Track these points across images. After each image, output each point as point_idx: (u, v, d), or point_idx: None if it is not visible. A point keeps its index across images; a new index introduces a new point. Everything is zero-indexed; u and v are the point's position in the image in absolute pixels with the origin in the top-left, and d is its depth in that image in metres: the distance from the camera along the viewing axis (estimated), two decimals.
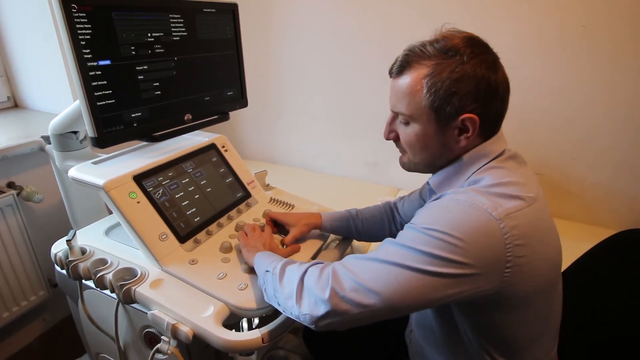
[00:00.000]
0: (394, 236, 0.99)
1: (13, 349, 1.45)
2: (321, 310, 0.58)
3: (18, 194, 1.28)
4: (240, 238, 0.85)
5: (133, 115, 0.85)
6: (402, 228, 0.97)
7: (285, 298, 0.64)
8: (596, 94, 1.35)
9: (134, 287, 0.74)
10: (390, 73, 0.68)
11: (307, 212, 0.99)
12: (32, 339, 1.51)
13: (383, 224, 0.99)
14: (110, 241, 0.89)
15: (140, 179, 0.84)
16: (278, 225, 0.97)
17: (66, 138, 0.99)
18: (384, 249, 0.61)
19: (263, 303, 0.74)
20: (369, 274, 0.58)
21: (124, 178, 0.82)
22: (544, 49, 1.36)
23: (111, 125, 0.81)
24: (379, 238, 1.01)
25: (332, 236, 1.05)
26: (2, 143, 1.21)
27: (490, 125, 0.65)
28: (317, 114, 1.86)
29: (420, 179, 1.16)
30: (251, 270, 0.80)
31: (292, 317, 0.64)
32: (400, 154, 0.74)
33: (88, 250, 0.84)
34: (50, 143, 1.02)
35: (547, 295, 0.64)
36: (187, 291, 0.75)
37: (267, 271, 0.70)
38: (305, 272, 0.63)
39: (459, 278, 0.55)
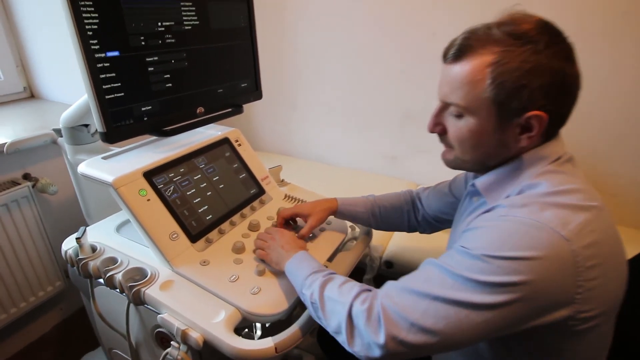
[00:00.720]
0: (413, 227, 0.97)
1: (31, 338, 1.48)
2: (376, 353, 0.53)
3: (33, 186, 1.28)
4: (261, 256, 0.79)
5: (143, 108, 0.81)
6: (423, 219, 0.95)
7: (334, 332, 0.59)
8: (634, 84, 1.25)
9: (143, 289, 0.72)
10: (445, 57, 0.60)
11: (321, 198, 0.95)
12: (50, 328, 1.53)
13: (402, 212, 0.94)
14: (121, 238, 0.87)
15: (150, 175, 0.81)
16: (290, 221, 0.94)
17: (77, 131, 0.97)
18: (436, 278, 0.53)
19: (276, 308, 0.71)
20: (424, 312, 0.51)
21: (133, 175, 0.79)
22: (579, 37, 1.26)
23: (120, 120, 0.78)
24: (396, 227, 0.97)
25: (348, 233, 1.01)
26: (17, 134, 1.20)
27: (557, 125, 0.59)
28: (333, 105, 1.80)
29: (444, 174, 1.10)
30: (264, 273, 0.77)
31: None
32: (444, 149, 0.67)
33: (98, 248, 0.82)
34: (62, 136, 0.99)
35: (612, 314, 0.57)
36: (198, 294, 0.72)
37: (302, 292, 0.66)
38: (351, 307, 0.57)
39: (524, 302, 0.49)
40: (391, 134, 1.70)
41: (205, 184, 0.90)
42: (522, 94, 0.54)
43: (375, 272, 1.11)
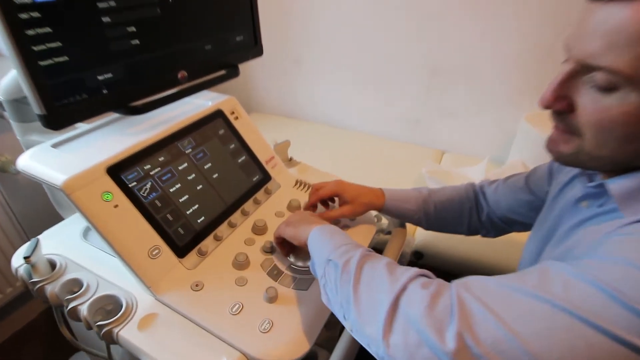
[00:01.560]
0: (474, 229, 0.76)
1: (16, 326, 1.34)
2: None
3: None
4: (277, 233, 0.64)
5: (100, 77, 0.58)
6: (487, 220, 0.73)
7: (363, 322, 0.41)
8: None
9: (116, 329, 0.54)
10: None
11: (366, 186, 0.76)
12: (36, 315, 1.39)
13: (462, 210, 0.75)
14: (88, 247, 0.68)
15: (117, 170, 0.60)
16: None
17: (23, 104, 0.74)
18: (558, 277, 0.35)
19: (295, 352, 0.53)
20: (530, 321, 0.33)
21: (93, 172, 0.57)
22: None
23: (67, 95, 0.55)
24: (453, 229, 0.79)
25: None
26: None
27: None
28: (346, 58, 1.53)
29: (477, 142, 0.85)
30: (277, 299, 0.59)
31: (370, 350, 0.41)
32: (556, 132, 0.46)
33: (58, 265, 0.63)
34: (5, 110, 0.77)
35: None
36: (190, 333, 0.54)
37: (329, 260, 0.48)
38: (404, 289, 0.39)
39: None
40: (415, 93, 1.45)
41: (194, 175, 0.69)
42: None
43: None
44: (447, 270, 1.05)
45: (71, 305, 0.57)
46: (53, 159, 0.60)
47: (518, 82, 1.27)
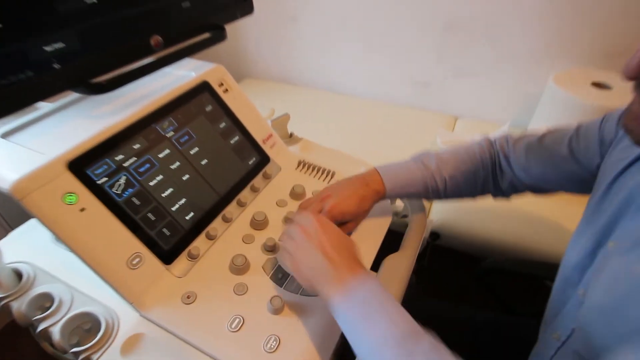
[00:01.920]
0: (488, 193, 0.64)
1: (7, 318, 1.29)
2: None
3: None
4: (285, 261, 0.49)
5: (47, 47, 0.46)
6: (509, 187, 0.61)
7: None
8: None
9: (95, 357, 0.45)
10: None
11: (359, 177, 0.62)
12: None
13: (475, 180, 0.63)
14: (61, 252, 0.58)
15: (81, 165, 0.49)
16: None
17: None
18: None
19: None
20: None
21: (51, 168, 0.47)
22: None
23: (5, 73, 0.43)
24: (460, 198, 0.67)
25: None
26: None
27: None
28: (348, 15, 1.37)
29: (494, 104, 0.75)
30: (283, 310, 0.50)
31: None
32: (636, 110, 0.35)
33: (25, 275, 0.54)
34: None
35: None
36: (183, 355, 0.46)
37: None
38: None
39: None
40: (425, 52, 1.31)
41: (178, 163, 0.58)
42: None
43: (420, 250, 0.86)
44: (466, 251, 0.97)
45: (41, 326, 0.48)
46: (0, 154, 0.49)
47: (545, 36, 1.12)
